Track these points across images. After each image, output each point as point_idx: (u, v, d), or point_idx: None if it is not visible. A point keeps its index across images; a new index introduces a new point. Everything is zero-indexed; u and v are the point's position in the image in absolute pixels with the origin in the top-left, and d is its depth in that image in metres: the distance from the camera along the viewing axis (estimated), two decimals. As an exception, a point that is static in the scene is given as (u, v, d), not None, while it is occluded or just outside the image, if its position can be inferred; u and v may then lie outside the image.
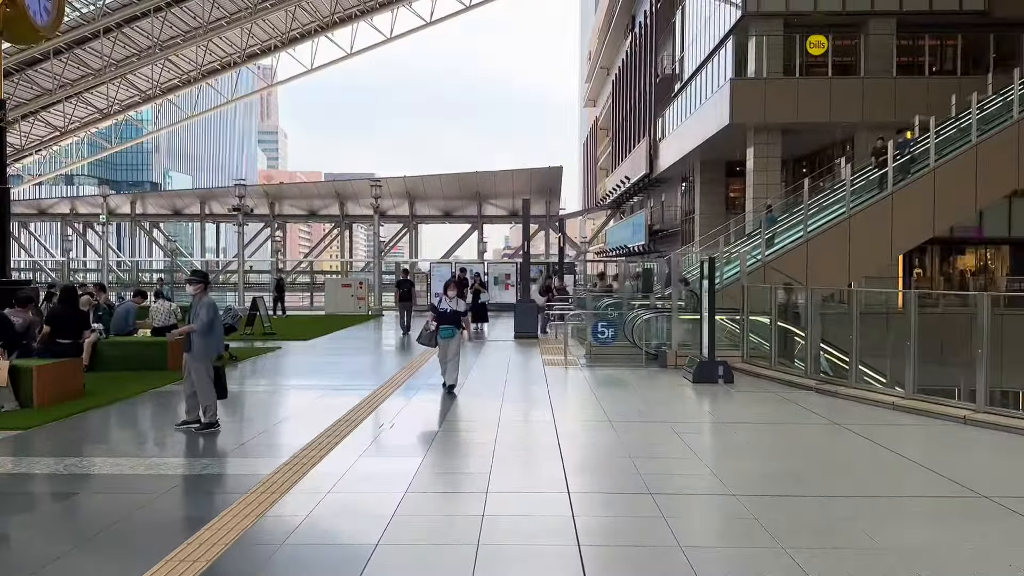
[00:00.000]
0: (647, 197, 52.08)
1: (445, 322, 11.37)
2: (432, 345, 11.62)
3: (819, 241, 22.11)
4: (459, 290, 21.56)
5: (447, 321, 11.39)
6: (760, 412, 10.12)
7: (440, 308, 11.55)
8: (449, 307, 11.48)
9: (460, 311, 11.63)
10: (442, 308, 11.51)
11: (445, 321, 11.38)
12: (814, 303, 12.04)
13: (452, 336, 11.40)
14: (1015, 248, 32.04)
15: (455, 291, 11.69)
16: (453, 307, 11.51)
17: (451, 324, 11.38)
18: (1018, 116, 22.67)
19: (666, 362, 13.93)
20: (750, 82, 29.49)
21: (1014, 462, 7.36)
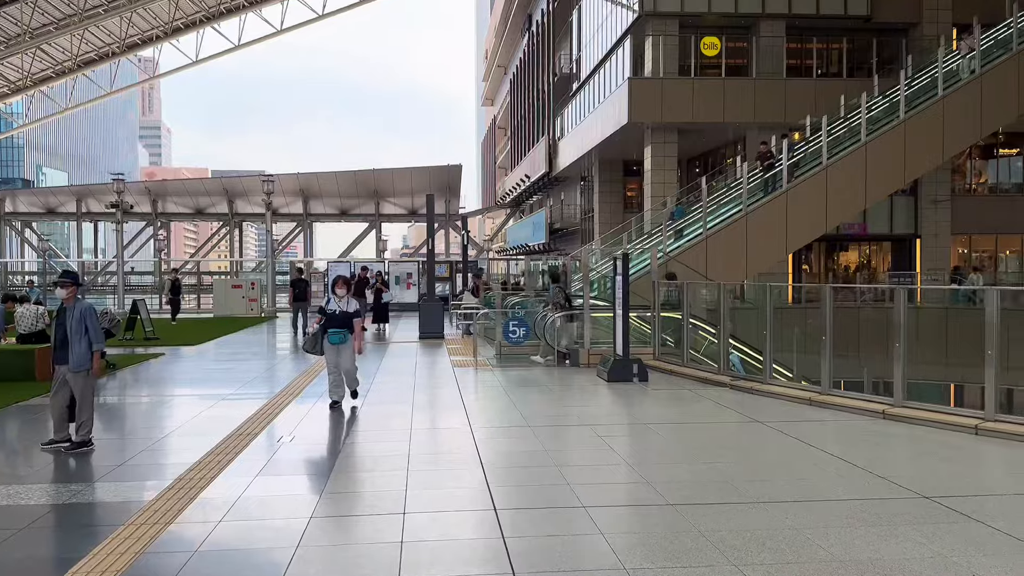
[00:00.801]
0: (547, 196, 52.14)
1: (333, 325, 10.06)
2: (318, 352, 10.23)
3: (718, 238, 22.35)
4: (359, 289, 20.86)
5: (336, 324, 10.07)
6: (680, 411, 9.83)
7: (328, 309, 10.19)
8: (338, 307, 10.13)
9: (351, 312, 10.19)
10: (330, 309, 10.16)
11: (333, 324, 10.07)
12: (726, 299, 11.91)
13: (342, 342, 10.04)
14: (896, 244, 33.55)
15: (345, 289, 10.31)
16: (343, 307, 10.15)
17: (341, 327, 10.06)
18: (904, 116, 23.57)
19: (579, 361, 13.56)
20: (648, 82, 29.74)
21: (939, 458, 7.24)
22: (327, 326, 10.03)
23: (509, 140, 70.19)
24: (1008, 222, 33.70)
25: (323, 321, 10.09)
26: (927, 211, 31.86)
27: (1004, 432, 7.79)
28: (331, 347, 10.04)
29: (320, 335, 10.07)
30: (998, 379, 8.04)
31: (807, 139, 25.01)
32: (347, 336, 10.06)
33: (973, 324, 24.83)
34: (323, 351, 10.10)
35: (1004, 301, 8.48)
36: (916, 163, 24.16)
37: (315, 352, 10.22)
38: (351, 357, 10.19)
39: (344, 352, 10.08)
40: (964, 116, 23.95)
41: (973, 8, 26.04)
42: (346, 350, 10.08)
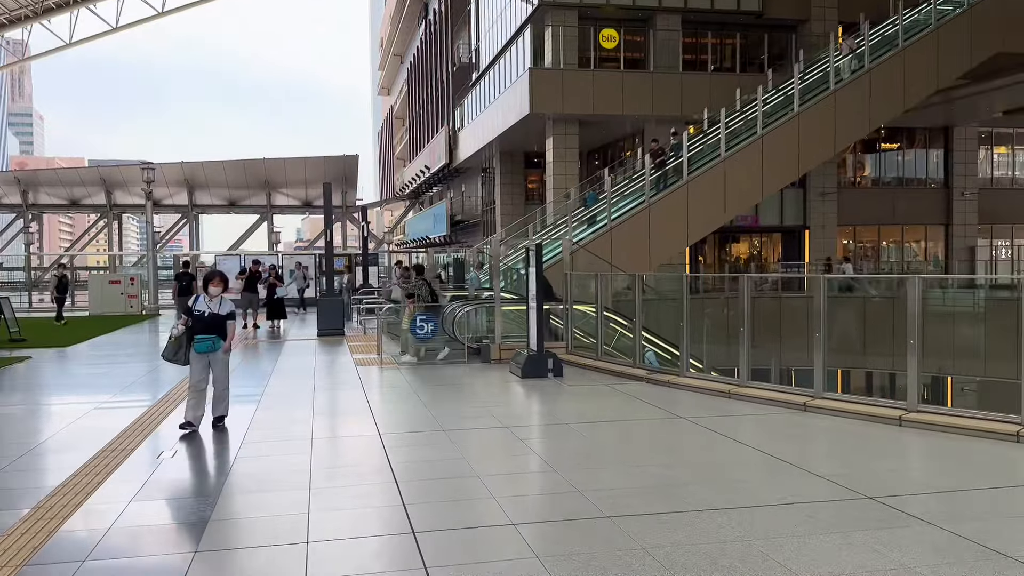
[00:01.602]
0: (447, 187, 51.39)
1: (202, 330, 8.31)
2: (180, 361, 8.46)
3: (622, 229, 22.28)
4: (250, 284, 19.60)
5: (206, 329, 8.31)
6: (600, 408, 9.36)
7: (196, 310, 8.39)
8: (208, 309, 8.37)
9: (224, 314, 8.43)
10: (198, 310, 8.37)
11: (203, 329, 8.31)
12: (640, 290, 11.58)
13: (211, 350, 8.33)
14: (786, 235, 34.59)
15: (220, 287, 8.54)
16: (214, 309, 8.38)
17: (211, 333, 8.31)
18: (798, 110, 24.08)
19: (490, 356, 12.97)
20: (549, 72, 29.49)
21: (872, 453, 7.02)
22: (194, 331, 8.33)
23: (407, 131, 68.92)
24: (889, 214, 35.32)
25: (189, 324, 8.37)
26: (815, 203, 32.96)
27: (926, 423, 7.67)
28: (198, 357, 8.32)
29: (185, 341, 8.38)
30: (920, 368, 7.94)
31: (705, 132, 25.27)
32: (218, 343, 8.39)
33: (852, 312, 25.54)
34: (187, 360, 8.41)
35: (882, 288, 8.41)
36: (809, 156, 24.78)
37: (176, 361, 8.46)
38: (224, 370, 8.55)
39: (216, 363, 8.41)
40: (854, 110, 24.68)
41: (859, 6, 26.90)
42: (218, 361, 8.43)
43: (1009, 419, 7.29)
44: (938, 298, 25.06)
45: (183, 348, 8.37)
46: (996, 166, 37.70)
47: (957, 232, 35.79)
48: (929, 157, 36.06)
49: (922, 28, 25.53)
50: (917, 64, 25.16)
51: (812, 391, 8.90)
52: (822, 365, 8.84)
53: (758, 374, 12.55)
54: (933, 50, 25.38)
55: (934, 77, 25.57)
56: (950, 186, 35.63)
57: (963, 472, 6.31)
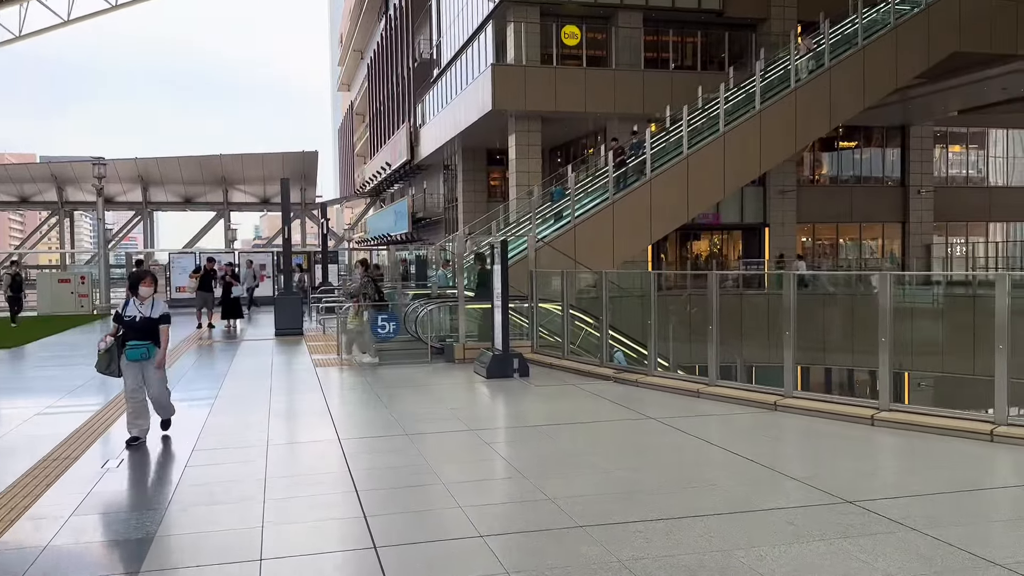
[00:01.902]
0: (409, 184, 50.89)
1: (133, 336, 7.51)
2: (114, 373, 7.64)
3: (586, 226, 22.14)
4: (205, 283, 19.01)
5: (138, 334, 7.51)
6: (567, 409, 9.11)
7: (125, 315, 7.58)
8: (139, 312, 7.56)
9: (156, 318, 7.62)
10: (128, 315, 7.56)
11: (135, 335, 7.51)
12: (607, 288, 11.38)
13: (145, 358, 7.53)
14: (746, 232, 34.82)
15: (152, 287, 7.73)
16: (146, 313, 7.58)
17: (143, 339, 7.53)
18: (760, 107, 24.14)
19: (453, 356, 12.66)
20: (511, 68, 29.28)
21: (846, 454, 6.87)
22: (125, 337, 7.54)
23: (368, 127, 68.15)
24: (847, 211, 35.76)
25: (119, 331, 7.57)
26: (775, 201, 33.23)
27: (899, 422, 7.56)
28: (130, 365, 7.55)
29: (116, 350, 7.58)
30: (892, 366, 7.84)
31: (667, 130, 25.26)
32: (152, 350, 7.59)
33: (816, 309, 25.61)
34: (121, 371, 7.62)
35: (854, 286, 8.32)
36: (771, 153, 24.88)
37: (111, 373, 7.66)
38: (159, 386, 7.78)
39: (149, 371, 7.63)
40: (815, 108, 24.83)
41: (818, 6, 27.09)
42: (152, 369, 7.65)
43: (983, 418, 7.21)
44: (898, 295, 25.36)
45: (115, 360, 7.60)
46: (951, 165, 38.38)
47: (913, 229, 36.34)
48: (886, 156, 36.56)
49: (881, 27, 25.79)
50: (877, 63, 25.40)
51: (782, 390, 8.76)
52: (792, 363, 8.71)
53: (721, 371, 12.43)
54: (892, 49, 25.65)
55: (893, 76, 25.84)
56: (906, 184, 36.15)
57: (941, 474, 6.18)
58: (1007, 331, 7.01)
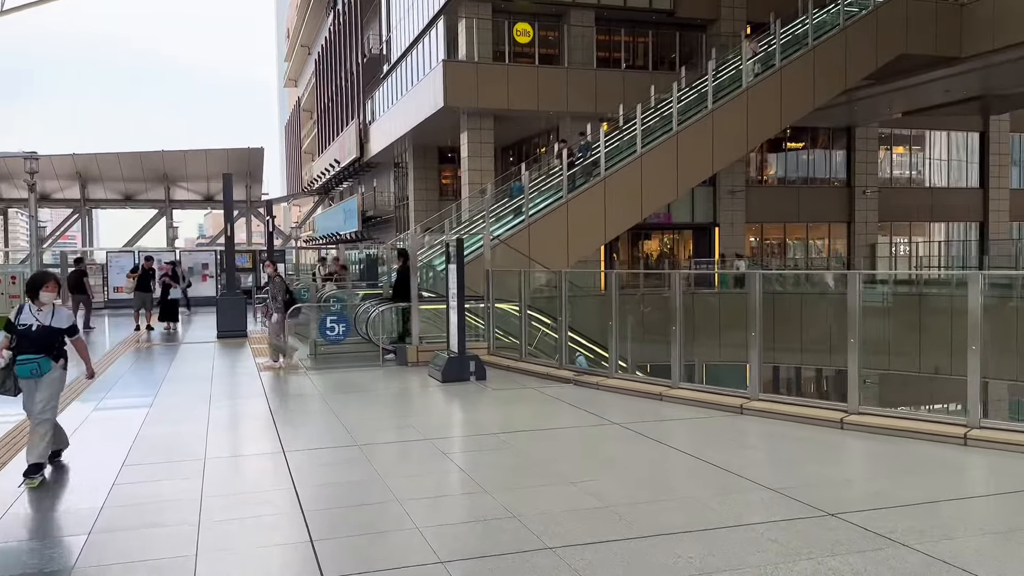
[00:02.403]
0: (358, 182, 50.03)
1: (27, 349, 6.30)
2: (10, 392, 6.39)
3: (540, 225, 21.84)
4: (143, 283, 18.13)
5: (33, 346, 6.31)
6: (527, 415, 8.70)
7: (19, 324, 6.37)
8: (36, 320, 6.36)
9: (58, 328, 6.43)
10: (22, 323, 6.36)
11: (28, 346, 6.30)
12: (565, 287, 11.02)
13: (37, 375, 6.30)
14: (697, 232, 34.96)
15: (55, 292, 6.54)
16: (45, 321, 6.38)
17: (38, 353, 6.30)
18: (712, 107, 24.10)
19: (406, 359, 12.15)
20: (463, 65, 28.85)
21: (819, 460, 6.61)
22: (18, 349, 6.30)
23: (316, 124, 66.91)
24: (794, 211, 36.19)
25: (12, 343, 6.33)
26: (724, 200, 33.42)
27: (869, 426, 7.34)
28: (25, 384, 6.36)
29: (7, 367, 6.34)
30: (860, 367, 7.62)
31: (621, 128, 25.11)
32: (47, 365, 6.32)
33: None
34: (18, 389, 6.39)
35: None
36: (723, 153, 24.89)
37: (6, 392, 6.39)
38: (47, 397, 6.34)
39: (43, 391, 6.32)
40: (766, 108, 24.90)
41: (767, 7, 27.22)
42: (44, 387, 6.34)
43: (955, 421, 7.03)
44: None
45: (11, 377, 6.35)
46: (895, 166, 39.10)
47: (859, 229, 36.91)
48: (832, 157, 37.07)
49: (830, 28, 26.00)
50: (827, 63, 25.59)
51: (747, 392, 8.49)
52: (758, 365, 8.44)
53: (665, 369, 12.16)
54: (841, 50, 25.87)
55: (842, 76, 26.08)
56: (852, 185, 36.70)
57: (920, 481, 5.94)
58: (979, 331, 6.83)
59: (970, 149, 39.46)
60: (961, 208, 39.01)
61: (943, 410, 22.11)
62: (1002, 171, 39.08)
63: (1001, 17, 25.88)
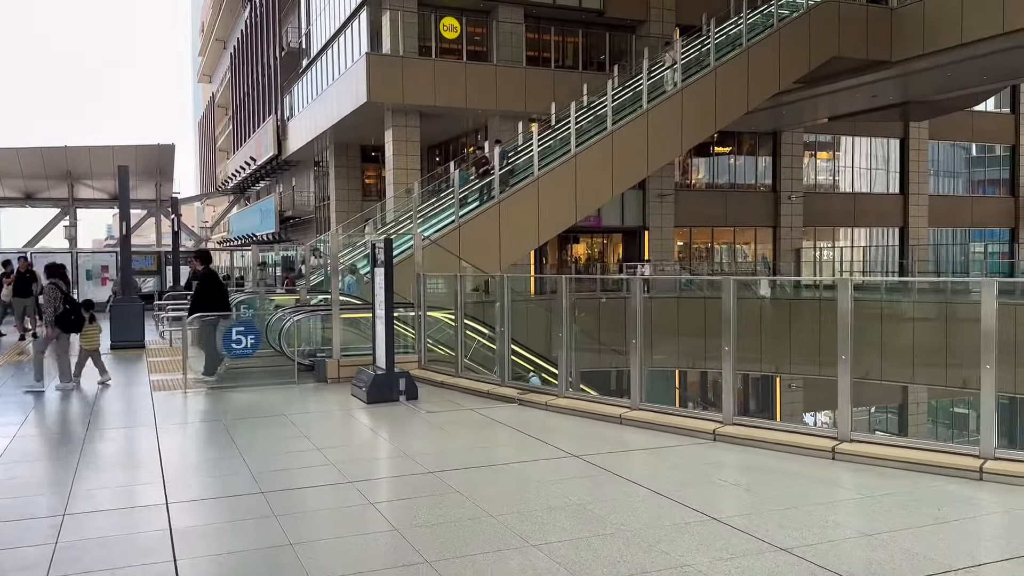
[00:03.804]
0: (276, 181, 47.91)
1: None
2: None
3: (471, 227, 20.69)
4: (18, 288, 16.04)
5: None
6: (468, 446, 7.42)
7: None
8: None
9: None
10: None
11: None
12: (508, 293, 9.82)
13: None
14: (626, 236, 34.43)
15: None
16: None
17: None
18: (647, 106, 23.35)
19: (326, 374, 10.72)
20: (388, 59, 27.47)
21: (820, 503, 5.56)
22: None
23: (231, 120, 64.10)
24: (722, 216, 36.08)
25: None
26: (654, 204, 33.02)
27: (866, 456, 6.37)
28: None
29: None
30: (854, 388, 6.68)
31: (553, 127, 24.20)
32: None
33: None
34: None
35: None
36: (658, 154, 24.22)
37: None
38: None
39: None
40: (700, 109, 24.32)
41: (697, 9, 26.73)
42: None
43: (968, 451, 6.08)
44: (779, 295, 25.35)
45: None
46: (819, 171, 39.46)
47: (784, 234, 37.04)
48: (759, 162, 37.13)
49: (763, 30, 25.62)
50: (760, 65, 25.19)
51: (720, 416, 7.45)
52: (731, 385, 7.40)
53: (595, 377, 11.17)
54: (775, 52, 25.52)
55: (776, 79, 25.73)
56: (777, 190, 36.79)
57: (951, 532, 4.95)
58: (994, 340, 5.94)
59: (891, 156, 40.14)
60: (882, 213, 39.64)
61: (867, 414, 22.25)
62: (921, 177, 39.88)
63: (931, 22, 25.99)
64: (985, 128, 41.54)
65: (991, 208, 42.36)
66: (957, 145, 42.32)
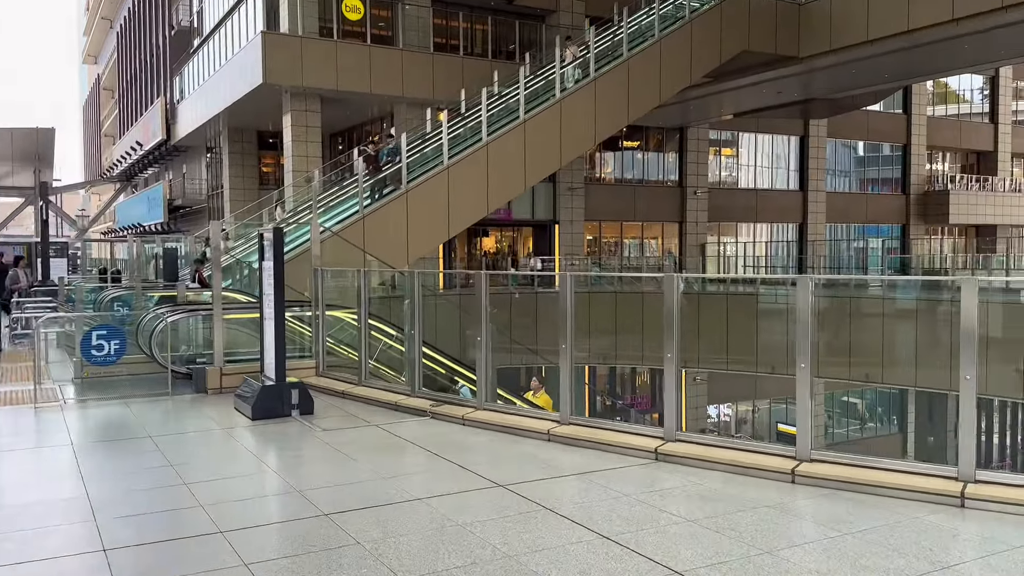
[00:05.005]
0: (165, 168, 45.13)
1: None
2: None
3: (375, 219, 19.46)
4: None
5: None
6: (375, 474, 6.18)
7: None
8: None
9: None
10: None
11: None
12: (417, 290, 8.70)
13: None
14: (537, 229, 33.82)
15: None
16: None
17: None
18: (560, 96, 22.58)
19: (205, 384, 9.31)
20: (285, 38, 25.81)
21: (785, 542, 4.72)
22: None
23: (117, 103, 60.19)
24: (630, 210, 35.95)
25: None
26: (564, 198, 32.54)
27: (827, 479, 5.58)
28: None
29: None
30: (813, 399, 5.90)
31: (463, 116, 23.18)
32: None
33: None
34: None
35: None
36: (572, 144, 23.56)
37: None
38: None
39: None
40: (614, 100, 23.73)
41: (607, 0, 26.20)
42: None
43: (947, 472, 5.38)
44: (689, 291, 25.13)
45: None
46: (724, 168, 39.85)
47: (690, 229, 37.26)
48: (666, 157, 37.19)
49: (675, 21, 25.23)
50: (673, 57, 24.80)
51: (662, 431, 6.56)
52: (674, 401, 6.53)
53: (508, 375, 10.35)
54: (687, 44, 25.17)
55: (687, 70, 25.40)
56: (684, 185, 36.94)
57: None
58: (974, 341, 5.25)
59: (791, 153, 40.93)
60: (783, 210, 40.39)
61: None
62: (820, 174, 40.79)
63: (838, 19, 26.19)
64: (880, 127, 42.86)
65: (885, 205, 43.81)
66: (852, 144, 43.61)
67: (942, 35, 23.86)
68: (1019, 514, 4.94)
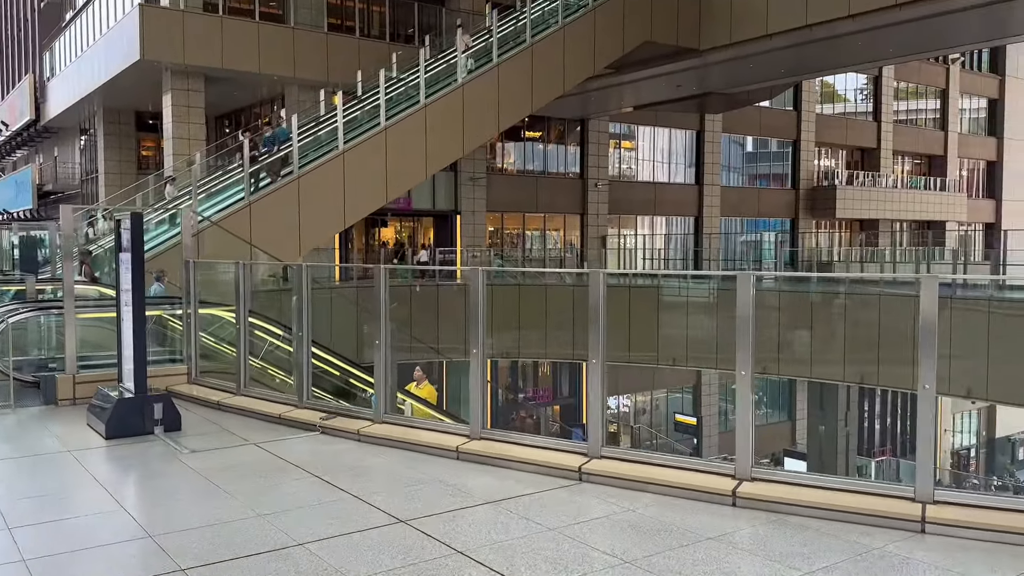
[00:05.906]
0: (35, 151, 41.92)
1: None
2: None
3: (264, 206, 18.14)
4: None
5: None
6: (250, 511, 5.13)
7: None
8: None
9: None
10: None
11: None
12: (306, 287, 7.68)
13: None
14: (438, 220, 32.98)
15: None
16: None
17: None
18: (462, 80, 21.70)
19: (56, 395, 7.97)
20: (165, 12, 23.95)
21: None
22: None
23: (-20, 80, 55.54)
24: (533, 202, 35.56)
25: None
26: (466, 188, 31.82)
27: (765, 499, 4.98)
28: None
29: None
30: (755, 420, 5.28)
31: (361, 99, 22.02)
32: None
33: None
34: None
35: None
36: (473, 132, 22.69)
37: None
38: None
39: None
40: (517, 86, 23.04)
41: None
42: None
43: (904, 493, 4.83)
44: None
45: None
46: (623, 160, 39.96)
47: (591, 221, 37.18)
48: (567, 149, 36.96)
49: (578, 8, 24.72)
50: (576, 45, 24.30)
51: (586, 446, 5.81)
52: (600, 413, 5.80)
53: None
54: (590, 32, 24.72)
55: (591, 60, 24.95)
56: (585, 177, 36.80)
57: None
58: (934, 346, 4.73)
59: (688, 147, 41.43)
60: (679, 203, 40.87)
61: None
62: (715, 169, 41.46)
63: (738, 11, 26.28)
64: (772, 124, 43.91)
65: (775, 200, 44.99)
66: (742, 140, 44.57)
67: (837, 31, 24.24)
68: (983, 539, 4.45)
